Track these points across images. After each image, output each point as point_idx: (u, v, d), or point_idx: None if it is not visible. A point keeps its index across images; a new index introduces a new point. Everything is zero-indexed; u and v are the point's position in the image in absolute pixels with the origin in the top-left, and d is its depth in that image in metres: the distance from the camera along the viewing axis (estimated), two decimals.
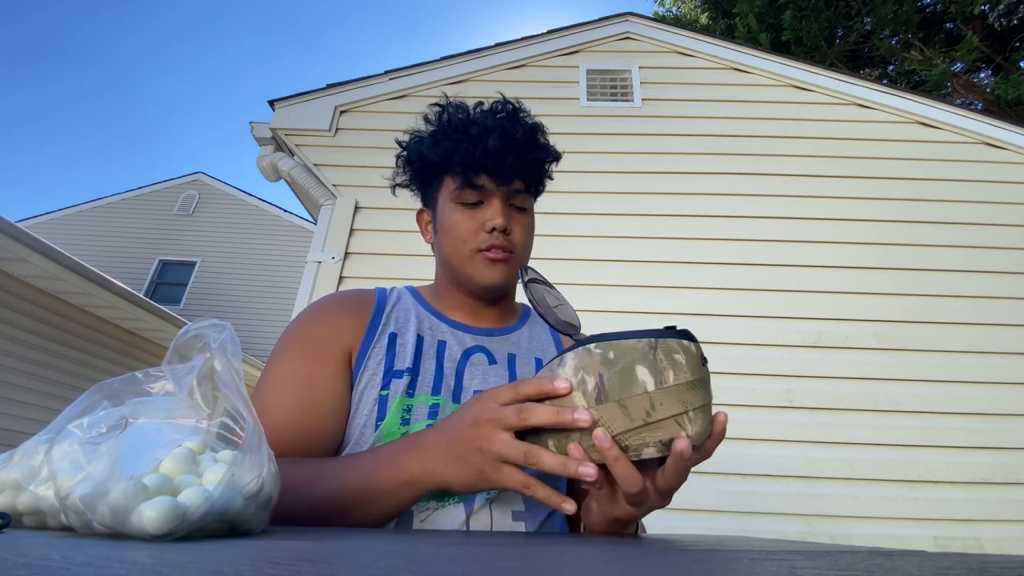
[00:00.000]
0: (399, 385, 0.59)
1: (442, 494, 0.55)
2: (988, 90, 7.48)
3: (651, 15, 7.17)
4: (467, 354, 0.65)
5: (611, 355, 0.38)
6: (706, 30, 7.62)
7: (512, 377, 0.65)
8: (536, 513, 0.58)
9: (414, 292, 0.72)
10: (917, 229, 2.34)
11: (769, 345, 2.10)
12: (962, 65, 7.43)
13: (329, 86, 2.65)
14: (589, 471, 0.37)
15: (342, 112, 2.60)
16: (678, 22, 8.84)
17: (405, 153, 0.71)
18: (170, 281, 8.71)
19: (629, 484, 0.37)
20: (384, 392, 0.59)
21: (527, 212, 0.67)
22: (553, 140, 0.72)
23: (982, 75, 8.13)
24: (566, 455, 0.38)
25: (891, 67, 8.32)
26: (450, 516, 0.54)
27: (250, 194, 9.55)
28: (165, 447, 0.31)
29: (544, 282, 0.51)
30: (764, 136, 2.55)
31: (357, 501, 0.47)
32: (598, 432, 0.36)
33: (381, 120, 2.61)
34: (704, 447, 0.38)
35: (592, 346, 0.39)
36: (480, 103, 0.68)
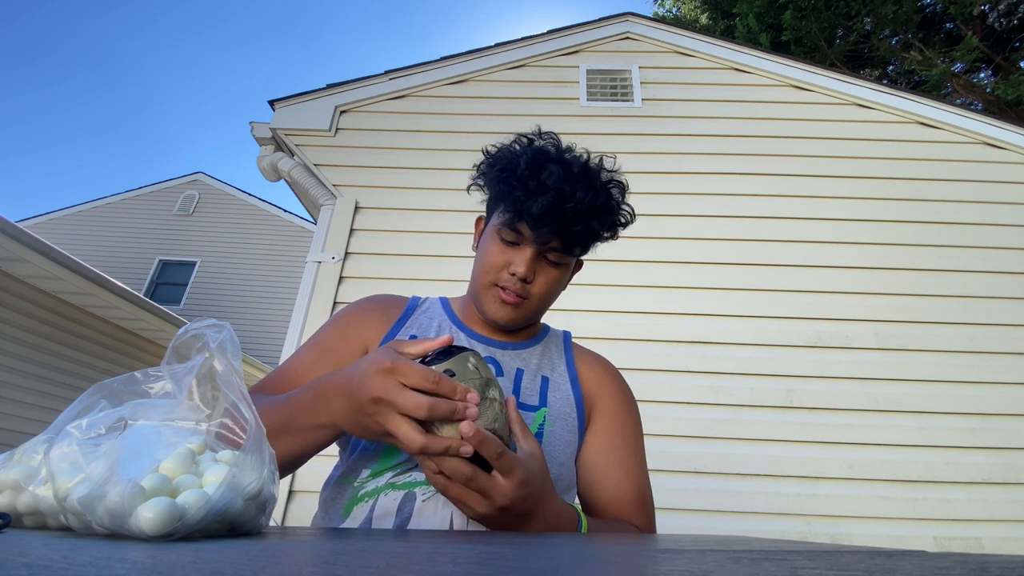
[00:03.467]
0: None
1: None
2: (988, 90, 7.48)
3: (651, 15, 7.18)
4: None
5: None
6: (706, 30, 7.61)
7: (516, 391, 0.67)
8: None
9: (444, 303, 0.77)
10: (917, 229, 2.33)
11: (769, 345, 2.10)
12: (962, 65, 7.43)
13: (329, 86, 2.65)
14: (473, 412, 0.43)
15: (342, 112, 2.60)
16: (678, 22, 8.83)
17: (483, 164, 0.70)
18: (170, 281, 8.71)
19: (435, 485, 0.45)
20: None
21: (561, 267, 0.67)
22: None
23: (982, 75, 8.13)
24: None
25: (891, 67, 8.32)
26: (449, 503, 0.56)
27: (250, 194, 9.55)
28: (164, 449, 0.31)
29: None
30: (764, 136, 2.55)
31: (285, 433, 0.52)
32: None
33: (381, 120, 2.61)
34: (478, 443, 0.43)
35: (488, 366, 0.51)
36: (565, 150, 0.67)
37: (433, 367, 0.46)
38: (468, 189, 0.74)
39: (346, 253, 2.23)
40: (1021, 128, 2.52)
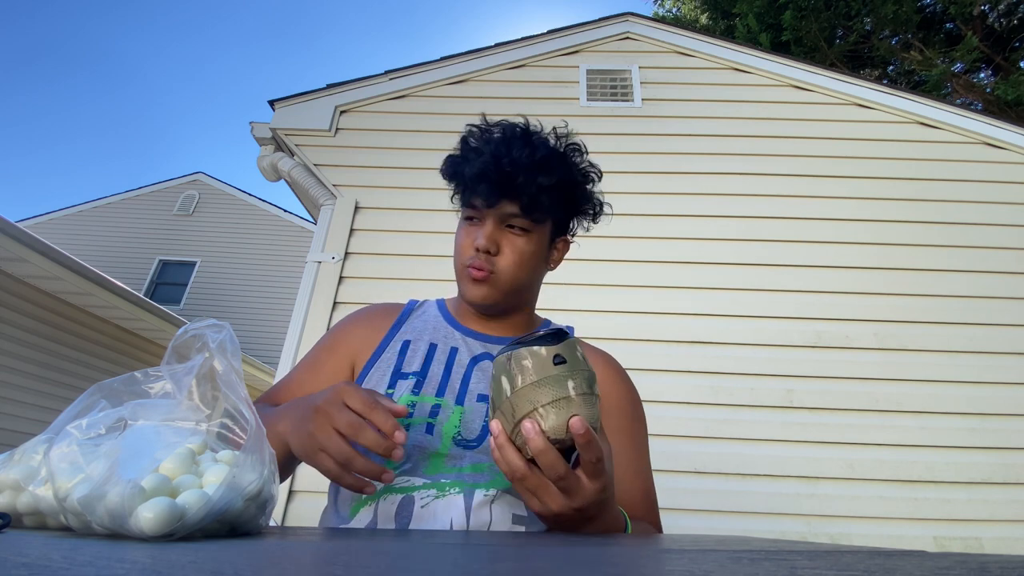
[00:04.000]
0: (405, 385, 0.64)
1: (442, 485, 0.57)
2: (988, 90, 7.48)
3: (651, 15, 7.17)
4: (475, 360, 0.67)
5: (492, 371, 0.45)
6: (706, 30, 7.61)
7: None
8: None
9: (440, 304, 0.77)
10: (917, 229, 2.33)
11: (769, 345, 2.10)
12: (962, 65, 7.43)
13: (329, 86, 2.65)
14: (398, 453, 0.43)
15: (342, 112, 2.60)
16: (678, 22, 8.83)
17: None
18: (170, 281, 8.71)
19: (509, 471, 0.42)
20: (390, 391, 0.64)
21: (528, 236, 0.66)
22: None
23: (982, 75, 8.13)
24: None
25: (891, 67, 8.32)
26: (450, 505, 0.56)
27: (250, 194, 9.55)
28: (164, 449, 0.31)
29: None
30: (764, 136, 2.55)
31: None
32: (492, 423, 0.43)
33: (381, 120, 2.61)
34: (586, 444, 0.40)
35: (486, 363, 0.48)
36: (513, 127, 0.69)
37: (543, 349, 0.42)
38: (452, 199, 0.74)
39: (346, 253, 2.23)
40: (1021, 128, 2.52)
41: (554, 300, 2.13)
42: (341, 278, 2.18)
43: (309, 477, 1.78)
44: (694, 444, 1.93)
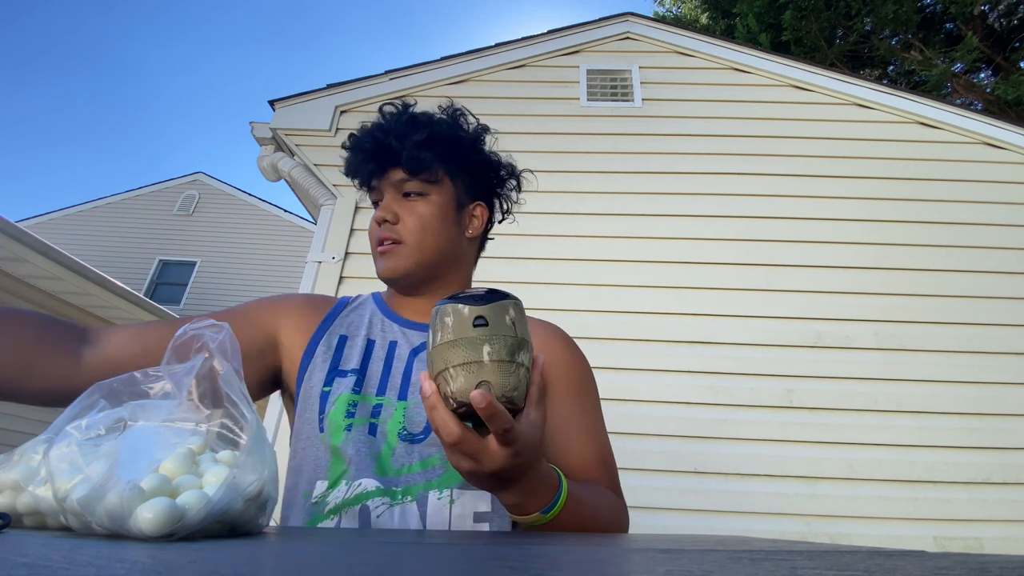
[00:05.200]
0: (342, 383, 0.62)
1: (394, 491, 0.56)
2: (988, 90, 7.48)
3: (651, 15, 7.17)
4: (415, 352, 0.66)
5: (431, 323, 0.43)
6: (706, 30, 7.61)
7: None
8: (503, 514, 0.58)
9: (376, 297, 0.74)
10: (917, 229, 2.33)
11: (769, 345, 2.09)
12: (962, 65, 7.43)
13: (329, 86, 2.65)
14: None
15: (342, 112, 2.60)
16: (678, 22, 8.83)
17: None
18: (170, 281, 8.71)
19: (443, 432, 0.40)
20: (327, 388, 0.62)
21: (426, 199, 0.67)
22: (553, 140, 0.72)
23: (982, 75, 8.13)
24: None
25: (891, 67, 8.31)
26: (405, 514, 0.55)
27: (250, 194, 9.55)
28: (164, 450, 0.31)
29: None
30: (764, 136, 2.55)
31: None
32: (421, 375, 0.42)
33: None
34: (488, 416, 0.38)
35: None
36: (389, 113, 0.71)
37: (466, 308, 0.41)
38: (358, 200, 0.75)
39: (346, 253, 2.23)
40: (1021, 128, 2.52)
41: (554, 300, 2.14)
42: (341, 278, 2.18)
43: None
44: (694, 444, 1.93)
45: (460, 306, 0.41)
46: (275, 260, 8.72)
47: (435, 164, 0.66)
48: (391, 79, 2.68)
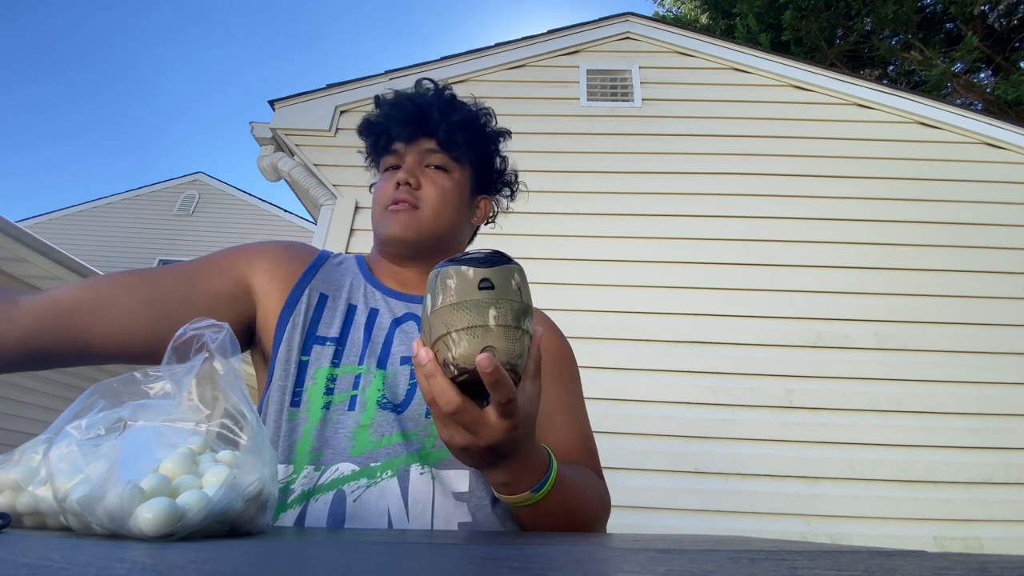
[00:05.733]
0: (322, 353, 0.59)
1: (373, 468, 0.53)
2: (988, 90, 7.48)
3: (651, 15, 7.17)
4: (397, 322, 0.63)
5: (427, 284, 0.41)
6: (706, 30, 7.61)
7: None
8: (480, 495, 0.56)
9: (359, 260, 0.72)
10: (917, 229, 2.33)
11: (769, 345, 2.10)
12: (962, 65, 7.43)
13: (329, 86, 2.65)
14: None
15: (342, 112, 2.60)
16: (678, 22, 8.83)
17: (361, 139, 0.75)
18: None
19: (442, 401, 0.38)
20: (305, 358, 0.58)
21: (448, 174, 0.68)
22: (553, 140, 0.75)
23: (982, 75, 8.13)
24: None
25: (891, 67, 8.32)
26: (384, 493, 0.52)
27: (250, 194, 9.55)
28: (164, 450, 0.31)
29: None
30: (764, 136, 2.55)
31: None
32: (415, 343, 0.40)
33: None
34: (493, 382, 0.36)
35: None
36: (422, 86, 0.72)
37: (471, 270, 0.38)
38: (367, 161, 0.77)
39: (346, 253, 2.23)
40: (1021, 128, 2.52)
41: (554, 300, 2.13)
42: None
43: None
44: (694, 444, 1.93)
45: (464, 268, 0.38)
46: None
47: (465, 146, 0.68)
48: (391, 79, 2.68)
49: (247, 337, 0.63)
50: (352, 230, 2.29)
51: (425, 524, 0.52)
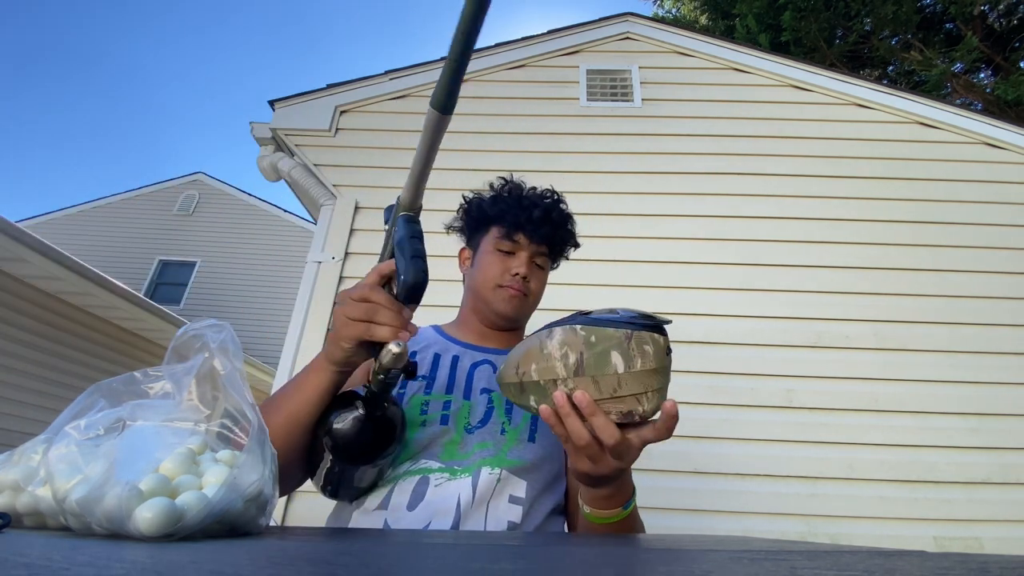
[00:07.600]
0: (415, 386, 0.74)
1: (455, 470, 0.66)
2: (988, 90, 7.48)
3: (651, 15, 7.17)
4: (475, 365, 0.79)
5: (593, 339, 0.47)
6: (706, 30, 7.60)
7: None
8: (538, 505, 0.67)
9: (437, 328, 0.89)
10: (917, 229, 2.33)
11: (769, 345, 2.09)
12: (962, 65, 7.42)
13: (329, 86, 2.65)
14: (405, 335, 0.49)
15: (342, 112, 2.60)
16: (678, 22, 8.83)
17: (467, 205, 0.90)
18: (170, 281, 8.71)
19: (606, 435, 0.45)
20: (401, 391, 0.74)
21: (544, 271, 0.86)
22: (553, 140, 0.81)
23: (982, 75, 8.12)
24: (550, 405, 0.47)
25: (891, 67, 8.31)
26: (460, 485, 0.64)
27: (250, 194, 9.55)
28: (163, 450, 0.31)
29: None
30: (764, 136, 2.55)
31: (288, 394, 0.58)
32: (578, 393, 0.45)
33: (382, 120, 2.61)
34: (658, 426, 0.46)
35: (579, 327, 0.48)
36: (533, 188, 0.90)
37: (662, 339, 0.47)
38: (448, 231, 0.92)
39: (346, 253, 2.23)
40: (1021, 128, 2.52)
41: (553, 300, 2.13)
42: (341, 278, 2.18)
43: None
44: (694, 444, 1.92)
45: (657, 336, 0.46)
46: (275, 260, 8.72)
47: (561, 253, 0.89)
48: (391, 79, 2.68)
49: None
50: (352, 230, 2.28)
51: (482, 516, 0.64)
